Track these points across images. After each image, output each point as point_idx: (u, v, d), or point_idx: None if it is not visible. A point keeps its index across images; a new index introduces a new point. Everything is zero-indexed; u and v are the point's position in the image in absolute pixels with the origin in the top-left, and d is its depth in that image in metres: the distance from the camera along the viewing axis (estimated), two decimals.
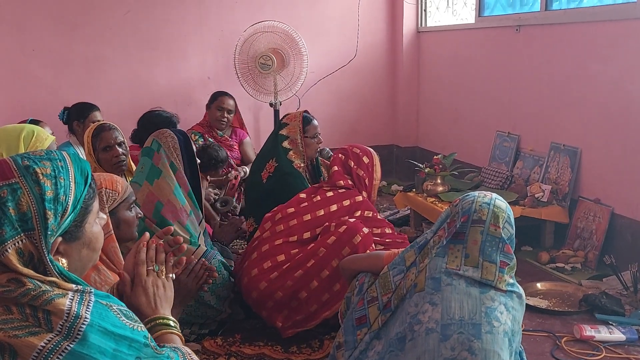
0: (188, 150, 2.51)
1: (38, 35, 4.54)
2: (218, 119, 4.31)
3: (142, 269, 1.35)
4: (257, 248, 2.58)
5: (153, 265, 1.37)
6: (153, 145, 2.49)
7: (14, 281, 1.04)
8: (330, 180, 2.82)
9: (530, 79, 3.78)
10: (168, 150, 2.45)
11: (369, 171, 2.85)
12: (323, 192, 2.74)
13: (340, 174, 2.81)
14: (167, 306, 1.35)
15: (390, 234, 2.67)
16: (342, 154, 2.90)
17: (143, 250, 1.38)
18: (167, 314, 1.33)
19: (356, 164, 2.84)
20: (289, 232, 2.58)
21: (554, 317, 2.63)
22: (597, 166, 3.30)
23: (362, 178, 2.82)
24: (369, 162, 2.87)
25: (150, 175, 2.43)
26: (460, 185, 3.83)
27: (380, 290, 1.82)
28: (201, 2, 4.84)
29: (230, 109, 4.35)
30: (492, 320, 1.60)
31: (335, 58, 5.13)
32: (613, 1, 3.28)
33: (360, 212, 2.66)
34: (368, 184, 2.84)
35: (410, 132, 5.36)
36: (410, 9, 5.13)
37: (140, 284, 1.33)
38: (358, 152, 2.89)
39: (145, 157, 2.49)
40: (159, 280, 1.35)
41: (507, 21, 4.01)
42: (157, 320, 1.30)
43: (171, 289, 1.38)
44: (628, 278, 2.78)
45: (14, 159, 1.10)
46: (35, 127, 2.59)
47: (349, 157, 2.86)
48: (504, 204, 1.73)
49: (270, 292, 2.39)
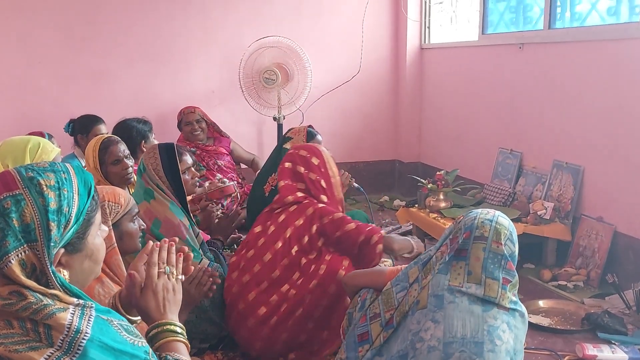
0: (172, 167, 2.51)
1: (44, 47, 4.57)
2: (191, 132, 4.45)
3: (153, 270, 1.33)
4: (234, 305, 2.38)
5: (164, 267, 1.35)
6: (140, 165, 2.55)
7: (15, 294, 1.04)
8: (278, 198, 2.52)
9: (533, 97, 3.80)
10: (150, 173, 2.49)
11: (323, 172, 2.54)
12: (276, 217, 2.45)
13: (288, 188, 2.50)
14: (176, 310, 1.34)
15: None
16: (288, 161, 2.57)
17: (156, 251, 1.36)
18: (175, 319, 1.32)
19: (306, 168, 2.52)
20: (257, 281, 2.35)
21: (556, 335, 2.62)
22: (600, 184, 3.29)
23: (316, 182, 2.51)
24: (320, 162, 2.54)
25: (146, 195, 2.47)
26: (462, 202, 3.83)
27: (383, 307, 1.81)
28: (207, 17, 4.88)
29: (198, 119, 4.47)
30: (494, 338, 1.59)
31: (339, 73, 5.16)
32: (616, 20, 3.30)
33: (317, 226, 2.38)
34: (326, 186, 2.53)
35: (412, 147, 5.37)
36: (413, 25, 5.17)
37: (150, 287, 1.32)
38: (306, 155, 2.55)
39: (138, 176, 2.56)
40: (170, 284, 1.34)
41: (510, 39, 4.03)
42: (165, 327, 1.29)
43: (180, 292, 1.36)
44: (631, 297, 2.77)
45: (18, 170, 1.11)
46: (41, 139, 2.62)
47: (296, 163, 2.54)
48: (506, 221, 1.73)
49: (272, 345, 2.31)
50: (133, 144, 3.48)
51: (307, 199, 2.47)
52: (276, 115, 4.80)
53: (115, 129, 3.67)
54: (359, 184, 3.37)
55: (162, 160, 2.49)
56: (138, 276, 1.34)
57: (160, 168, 2.48)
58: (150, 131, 3.75)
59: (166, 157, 2.50)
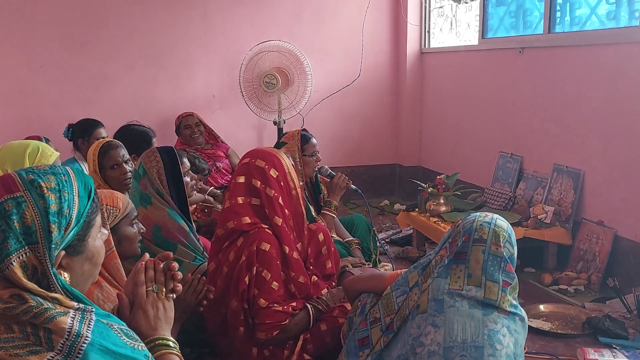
0: (174, 172, 2.47)
1: (45, 52, 4.59)
2: (190, 135, 4.49)
3: (141, 290, 1.35)
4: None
5: (152, 286, 1.36)
6: (140, 169, 2.47)
7: (16, 297, 1.04)
8: (220, 222, 2.25)
9: (533, 101, 3.80)
10: (152, 177, 2.43)
11: (282, 186, 2.22)
12: (226, 255, 2.21)
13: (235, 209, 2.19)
14: (167, 327, 1.34)
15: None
16: (242, 174, 2.23)
17: (141, 271, 1.37)
18: (167, 334, 1.33)
19: (263, 182, 2.20)
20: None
21: (557, 339, 2.61)
22: (600, 188, 3.29)
23: (273, 200, 2.19)
24: (279, 175, 2.23)
25: (142, 201, 2.42)
26: (463, 206, 3.83)
27: (383, 312, 1.81)
28: (207, 21, 4.89)
29: (197, 122, 4.52)
30: (494, 343, 1.59)
31: (339, 78, 5.17)
32: (615, 25, 3.31)
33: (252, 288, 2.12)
34: (284, 202, 2.23)
35: (413, 151, 5.37)
36: (414, 30, 5.18)
37: (140, 306, 1.33)
38: (263, 166, 2.22)
39: (134, 180, 2.49)
40: (159, 301, 1.35)
41: (510, 43, 4.04)
42: (157, 341, 1.30)
43: (171, 309, 1.37)
44: (631, 301, 2.76)
45: (18, 173, 1.11)
46: (40, 144, 2.61)
47: (252, 176, 2.21)
48: (505, 224, 1.73)
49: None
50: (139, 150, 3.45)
51: (253, 226, 2.17)
52: (276, 119, 4.81)
53: (119, 133, 3.66)
54: (359, 188, 3.37)
55: (164, 163, 2.48)
56: (125, 298, 1.35)
57: (163, 171, 2.46)
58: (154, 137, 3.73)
59: (168, 160, 2.48)
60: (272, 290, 2.15)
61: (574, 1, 3.60)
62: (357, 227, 3.25)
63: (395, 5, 5.24)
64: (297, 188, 2.29)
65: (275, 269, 2.16)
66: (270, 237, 2.17)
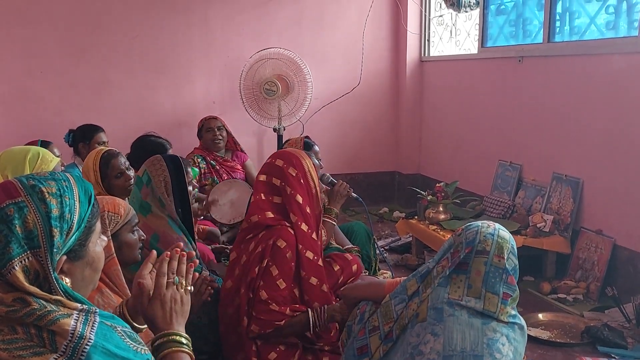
0: (179, 181, 2.43)
1: (46, 57, 4.60)
2: (213, 140, 4.34)
3: (162, 280, 1.33)
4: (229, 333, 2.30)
5: (173, 277, 1.35)
6: (144, 177, 2.43)
7: (19, 301, 1.04)
8: (247, 216, 2.36)
9: (533, 109, 3.81)
10: (157, 185, 2.38)
11: (301, 183, 2.30)
12: (247, 245, 2.29)
13: (258, 204, 2.30)
14: (182, 321, 1.34)
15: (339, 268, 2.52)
16: (264, 173, 2.37)
17: (165, 261, 1.36)
18: (181, 330, 1.32)
19: (283, 180, 2.29)
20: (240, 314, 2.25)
21: (556, 348, 2.61)
22: (599, 197, 3.30)
23: (291, 198, 2.28)
24: (298, 173, 2.30)
25: (141, 209, 2.38)
26: (462, 214, 3.83)
27: (382, 320, 1.81)
28: (208, 28, 4.91)
29: (220, 126, 4.38)
30: (494, 352, 1.59)
31: (339, 85, 5.18)
32: (614, 35, 3.32)
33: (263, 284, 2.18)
34: (302, 201, 2.29)
35: (412, 159, 5.38)
36: (413, 38, 5.20)
37: (158, 297, 1.32)
38: (282, 165, 2.32)
39: (135, 187, 2.46)
40: (178, 294, 1.34)
41: (510, 52, 4.06)
42: (170, 337, 1.29)
43: (188, 303, 1.36)
44: (630, 310, 2.76)
45: (19, 179, 1.12)
46: (40, 149, 2.61)
47: (272, 175, 2.32)
48: (507, 235, 1.73)
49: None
50: None
51: (277, 221, 2.26)
52: (276, 126, 4.81)
53: (135, 144, 3.64)
54: (359, 195, 3.37)
55: (170, 172, 2.45)
56: (146, 285, 1.34)
57: (169, 180, 2.43)
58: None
59: (173, 168, 2.45)
60: (276, 287, 2.20)
61: (574, 11, 3.62)
62: (357, 235, 3.25)
63: (395, 14, 5.27)
64: (316, 187, 2.37)
65: (286, 268, 2.22)
66: (289, 236, 2.24)
